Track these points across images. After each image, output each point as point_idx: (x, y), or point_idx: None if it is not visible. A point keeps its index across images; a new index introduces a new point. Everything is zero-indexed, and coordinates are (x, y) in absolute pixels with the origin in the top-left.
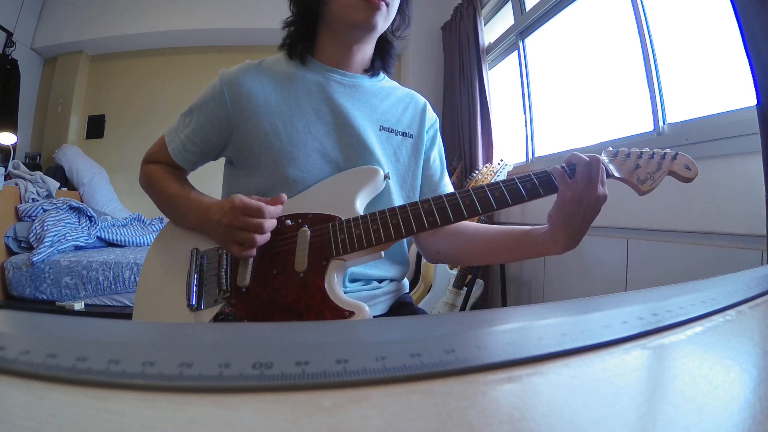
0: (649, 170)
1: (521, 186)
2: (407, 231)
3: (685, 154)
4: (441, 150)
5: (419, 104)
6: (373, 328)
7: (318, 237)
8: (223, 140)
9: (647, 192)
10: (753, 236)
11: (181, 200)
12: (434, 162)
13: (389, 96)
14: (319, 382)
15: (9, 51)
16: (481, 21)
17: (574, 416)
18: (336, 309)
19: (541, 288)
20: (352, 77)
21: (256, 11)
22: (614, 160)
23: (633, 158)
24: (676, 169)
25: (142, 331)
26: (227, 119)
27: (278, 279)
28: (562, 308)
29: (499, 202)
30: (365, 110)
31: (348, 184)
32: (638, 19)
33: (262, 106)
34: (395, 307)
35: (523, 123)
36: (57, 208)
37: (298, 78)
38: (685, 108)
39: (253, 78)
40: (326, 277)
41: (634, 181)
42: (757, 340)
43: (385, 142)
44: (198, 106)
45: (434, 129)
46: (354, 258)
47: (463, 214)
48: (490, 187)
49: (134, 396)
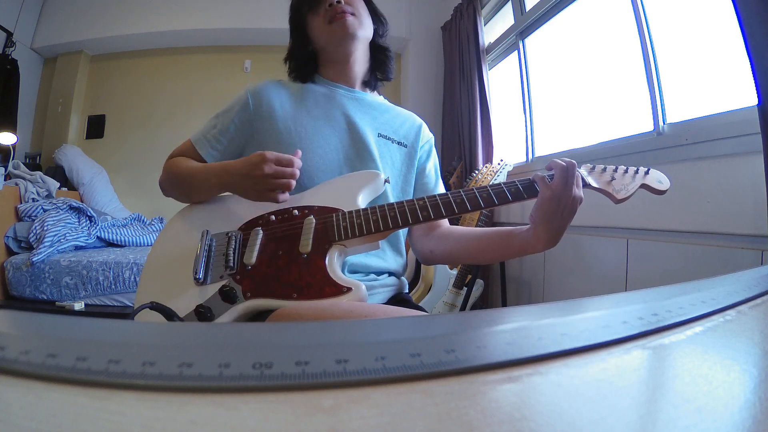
0: (623, 183)
1: (506, 189)
2: (404, 222)
3: (657, 171)
4: (436, 163)
5: (416, 123)
6: (373, 328)
7: (322, 224)
8: (244, 140)
9: (622, 201)
10: (753, 236)
11: (200, 169)
12: (429, 172)
13: (388, 111)
14: (319, 382)
15: (9, 51)
16: (481, 21)
17: (574, 416)
18: (335, 285)
19: (541, 288)
20: (354, 92)
21: (256, 11)
22: (592, 172)
23: (609, 172)
24: (648, 182)
25: (142, 331)
26: (249, 122)
27: (283, 259)
28: (562, 308)
29: (486, 202)
30: (366, 119)
31: (351, 184)
32: (638, 19)
33: (278, 111)
34: (393, 302)
35: (523, 123)
36: (57, 208)
37: (309, 91)
38: (685, 108)
39: (272, 90)
40: (327, 258)
41: (609, 191)
42: (757, 340)
43: (382, 148)
44: (224, 111)
45: (429, 145)
46: (354, 245)
47: (453, 209)
48: (479, 189)
49: (134, 396)
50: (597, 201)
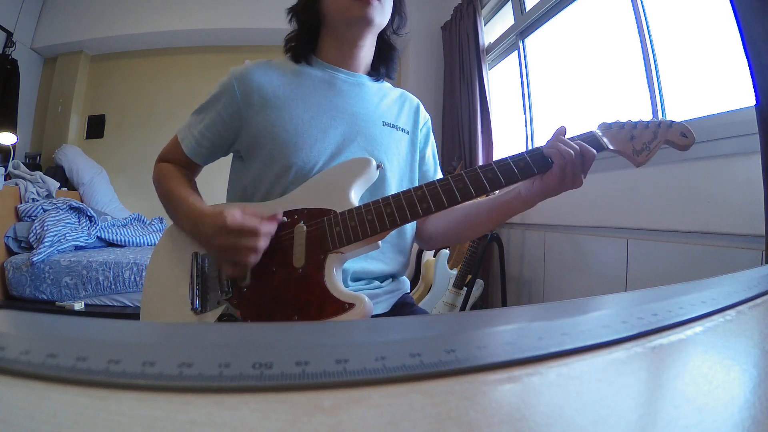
0: (644, 140)
1: (514, 165)
2: (402, 219)
3: (680, 122)
4: (434, 147)
5: (413, 104)
6: (373, 328)
7: (314, 232)
8: (234, 134)
9: (643, 163)
10: (753, 236)
11: (181, 203)
12: (428, 159)
13: (387, 96)
14: (319, 382)
15: (9, 51)
16: (481, 21)
17: (574, 416)
18: (336, 302)
19: (541, 288)
20: (355, 77)
21: (256, 11)
22: (608, 132)
23: (627, 129)
24: (671, 137)
25: (142, 331)
26: (238, 113)
27: (277, 276)
28: (562, 308)
29: (492, 183)
30: (370, 107)
31: (341, 177)
32: (638, 19)
33: (271, 99)
34: (397, 307)
35: (523, 123)
36: (57, 208)
37: (305, 75)
38: (685, 108)
39: (262, 73)
40: (325, 271)
41: (629, 152)
42: (757, 340)
43: (388, 137)
44: (210, 102)
45: (427, 127)
46: (351, 250)
47: (456, 198)
48: (483, 168)
49: (134, 396)
50: (597, 201)
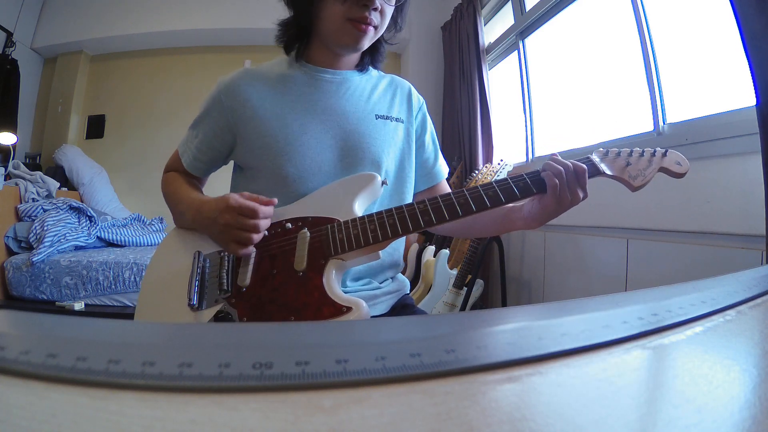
0: (639, 167)
1: (514, 185)
2: (404, 229)
3: (675, 151)
4: (432, 132)
5: (404, 89)
6: (373, 328)
7: (317, 238)
8: (228, 146)
9: (639, 188)
10: (753, 236)
11: (183, 198)
12: (428, 147)
13: (377, 86)
14: (319, 382)
15: (9, 51)
16: (481, 21)
17: (574, 416)
18: (333, 305)
19: (541, 288)
20: (341, 74)
21: (256, 11)
22: (605, 158)
23: (623, 157)
24: (666, 165)
25: (142, 331)
26: (228, 127)
27: (278, 278)
28: (562, 308)
29: (492, 201)
30: (359, 103)
31: (346, 189)
32: (638, 19)
33: (259, 110)
34: (396, 308)
35: (523, 123)
36: (57, 208)
37: (290, 81)
38: (685, 108)
39: (248, 84)
40: (324, 275)
41: (625, 178)
42: (757, 340)
43: (382, 129)
44: (201, 118)
45: (422, 112)
46: (352, 257)
47: (457, 212)
48: (484, 187)
49: (134, 396)
50: (597, 201)
